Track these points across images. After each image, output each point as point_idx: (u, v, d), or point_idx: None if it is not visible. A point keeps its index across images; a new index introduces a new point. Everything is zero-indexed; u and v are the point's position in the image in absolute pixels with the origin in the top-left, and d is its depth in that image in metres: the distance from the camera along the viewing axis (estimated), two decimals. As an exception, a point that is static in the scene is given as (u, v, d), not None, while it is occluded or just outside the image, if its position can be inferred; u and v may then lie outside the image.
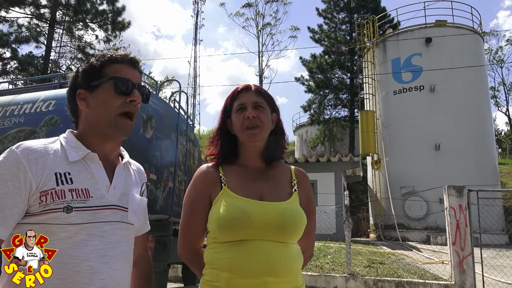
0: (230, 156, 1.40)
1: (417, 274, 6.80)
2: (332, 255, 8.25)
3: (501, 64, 34.11)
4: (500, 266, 7.18)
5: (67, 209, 1.00)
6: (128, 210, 1.14)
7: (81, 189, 1.04)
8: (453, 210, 6.25)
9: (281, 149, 1.43)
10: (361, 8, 24.15)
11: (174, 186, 4.77)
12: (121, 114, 1.13)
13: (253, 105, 1.36)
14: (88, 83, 1.14)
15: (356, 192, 20.32)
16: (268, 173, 1.39)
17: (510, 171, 21.27)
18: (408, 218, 14.34)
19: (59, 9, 18.66)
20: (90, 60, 1.18)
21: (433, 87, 15.06)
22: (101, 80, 1.13)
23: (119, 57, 1.17)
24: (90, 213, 1.04)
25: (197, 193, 1.36)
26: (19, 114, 4.20)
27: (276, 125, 1.42)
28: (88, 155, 1.10)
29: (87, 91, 1.14)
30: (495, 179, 15.09)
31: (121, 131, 1.14)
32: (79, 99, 1.15)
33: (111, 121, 1.12)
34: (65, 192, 1.01)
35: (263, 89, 1.43)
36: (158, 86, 5.81)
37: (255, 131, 1.33)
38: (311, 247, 1.47)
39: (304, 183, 1.42)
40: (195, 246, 1.39)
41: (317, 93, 24.92)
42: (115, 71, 1.15)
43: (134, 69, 1.19)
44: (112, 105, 1.12)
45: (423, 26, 16.37)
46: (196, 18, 39.10)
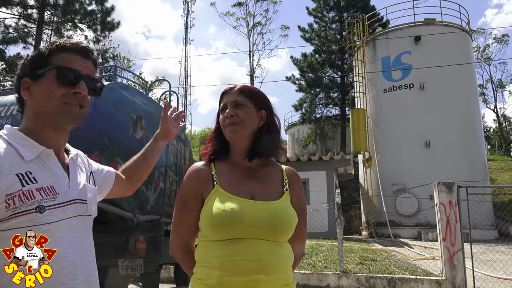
0: (221, 151, 1.41)
1: (408, 270, 6.86)
2: (324, 253, 8.28)
3: (488, 62, 34.63)
4: (489, 260, 7.28)
5: (39, 209, 0.97)
6: (87, 202, 1.13)
7: (47, 187, 1.01)
8: (443, 206, 6.32)
9: (273, 147, 1.42)
10: (350, 7, 24.28)
11: (165, 187, 4.75)
12: (65, 103, 1.07)
13: (233, 104, 1.37)
14: (33, 71, 1.08)
15: (348, 190, 20.44)
16: (259, 172, 1.39)
17: (499, 167, 21.57)
18: (399, 215, 14.46)
19: (47, 10, 18.44)
20: (39, 48, 1.12)
21: (422, 85, 15.21)
22: (45, 69, 1.07)
23: (69, 45, 1.10)
24: (60, 210, 1.02)
25: (189, 191, 1.36)
26: (6, 116, 4.14)
27: (267, 122, 1.41)
28: (44, 152, 1.05)
29: (32, 79, 1.08)
30: (484, 175, 15.29)
31: (69, 117, 1.07)
32: (23, 88, 1.09)
33: (54, 109, 1.05)
34: (33, 192, 0.97)
35: (249, 88, 1.43)
36: (148, 86, 5.78)
37: (233, 128, 1.35)
38: (302, 246, 1.48)
39: (296, 183, 1.43)
40: (187, 244, 1.39)
41: (308, 92, 25.01)
42: (62, 60, 1.08)
43: (86, 59, 1.12)
44: (55, 95, 1.05)
45: (412, 24, 16.52)
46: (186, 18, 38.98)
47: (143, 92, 5.49)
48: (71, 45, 1.10)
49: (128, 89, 4.51)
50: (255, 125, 1.39)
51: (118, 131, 3.96)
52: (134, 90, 4.68)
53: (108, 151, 3.74)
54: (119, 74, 4.88)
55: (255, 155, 1.38)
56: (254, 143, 1.38)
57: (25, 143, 1.04)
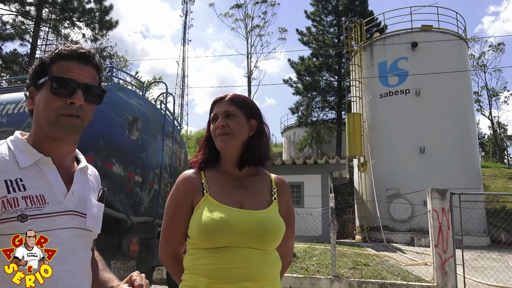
0: (211, 159, 1.42)
1: (400, 275, 6.89)
2: (317, 257, 8.30)
3: (484, 69, 34.84)
4: (481, 267, 7.33)
5: (21, 218, 0.94)
6: (87, 216, 1.09)
7: (36, 195, 0.98)
8: (436, 213, 6.37)
9: (262, 156, 1.43)
10: (349, 11, 24.39)
11: (160, 188, 4.75)
12: (61, 114, 1.04)
13: (224, 114, 1.39)
14: (35, 80, 1.08)
15: (342, 194, 20.49)
16: (248, 181, 1.41)
17: (492, 174, 21.72)
18: (393, 220, 14.52)
19: (45, 7, 18.38)
20: (42, 56, 1.10)
21: (418, 91, 15.30)
22: (44, 79, 1.05)
23: (67, 53, 1.07)
24: (47, 220, 0.98)
25: (179, 199, 1.37)
26: (1, 115, 4.13)
27: (257, 131, 1.43)
28: (41, 160, 1.03)
29: (36, 89, 1.08)
30: (478, 182, 15.39)
31: (65, 129, 1.05)
32: (29, 97, 1.10)
33: (52, 121, 1.04)
34: (18, 200, 0.95)
35: (240, 98, 1.44)
36: (145, 87, 5.78)
37: (224, 138, 1.36)
38: (290, 254, 1.50)
39: (284, 191, 1.45)
40: (176, 251, 1.41)
41: (305, 95, 25.08)
42: (59, 69, 1.05)
43: (86, 65, 1.08)
44: (51, 107, 1.04)
45: (410, 30, 16.63)
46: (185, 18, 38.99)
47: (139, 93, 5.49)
48: (69, 52, 1.07)
49: (124, 90, 4.52)
50: (246, 135, 1.40)
51: (114, 133, 3.96)
52: (130, 91, 4.69)
53: (104, 152, 3.74)
54: (115, 75, 4.88)
55: (245, 164, 1.40)
56: (244, 152, 1.40)
57: (24, 149, 1.04)
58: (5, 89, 5.46)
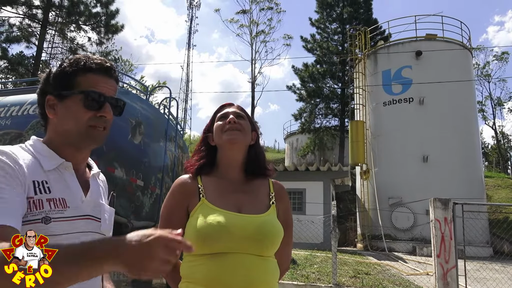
0: (208, 165, 1.41)
1: (402, 285, 6.83)
2: (318, 265, 8.25)
3: (488, 79, 34.78)
4: (483, 278, 7.27)
5: (45, 220, 0.98)
6: (101, 220, 1.13)
7: (59, 198, 1.02)
8: (438, 222, 6.32)
9: (263, 167, 1.45)
10: (353, 19, 24.48)
11: (161, 193, 4.75)
12: (91, 126, 1.08)
13: (235, 114, 1.42)
14: (58, 90, 1.08)
15: (344, 202, 20.41)
16: (246, 185, 1.40)
17: (495, 184, 21.57)
18: (395, 229, 14.43)
19: (52, 10, 18.54)
20: (63, 65, 1.09)
21: (422, 100, 15.28)
22: (72, 91, 1.06)
23: (95, 66, 1.08)
24: (67, 223, 1.02)
25: (174, 204, 1.36)
26: (5, 117, 4.16)
27: (256, 143, 1.47)
28: (62, 164, 1.07)
29: (57, 98, 1.08)
30: (481, 191, 15.30)
31: (93, 140, 1.10)
32: (47, 106, 1.09)
33: (82, 132, 1.07)
34: (43, 202, 0.99)
35: (245, 110, 1.50)
36: (149, 92, 5.80)
37: (235, 132, 1.37)
38: (288, 260, 1.48)
39: (282, 196, 1.44)
40: None
41: (308, 102, 25.11)
42: (88, 83, 1.07)
43: (110, 78, 1.11)
44: (82, 119, 1.07)
45: (414, 39, 16.64)
46: (190, 23, 39.05)
47: (143, 97, 5.51)
48: (97, 66, 1.09)
49: (129, 94, 4.54)
50: (249, 141, 1.43)
51: (117, 137, 3.97)
52: (134, 96, 4.71)
53: (106, 156, 3.75)
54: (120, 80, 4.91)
55: (253, 169, 1.41)
56: (249, 158, 1.42)
57: (47, 154, 1.07)
58: (11, 91, 5.49)
